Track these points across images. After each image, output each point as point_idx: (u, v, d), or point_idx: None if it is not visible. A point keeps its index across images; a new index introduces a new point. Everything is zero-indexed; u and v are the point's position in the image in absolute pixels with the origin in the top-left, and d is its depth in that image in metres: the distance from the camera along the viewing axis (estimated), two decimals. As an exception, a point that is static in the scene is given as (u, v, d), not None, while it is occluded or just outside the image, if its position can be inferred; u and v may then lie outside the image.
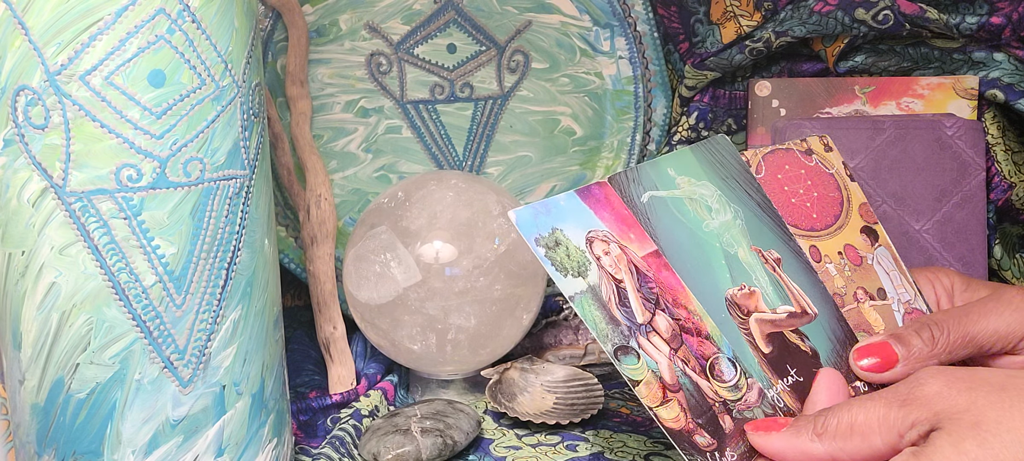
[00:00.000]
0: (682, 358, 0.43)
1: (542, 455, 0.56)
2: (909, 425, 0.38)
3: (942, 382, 0.39)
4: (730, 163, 0.51)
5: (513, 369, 0.64)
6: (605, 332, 0.42)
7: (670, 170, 0.49)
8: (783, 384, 0.45)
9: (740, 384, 0.44)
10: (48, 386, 0.43)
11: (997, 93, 0.68)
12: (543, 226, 0.43)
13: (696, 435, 0.41)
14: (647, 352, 0.43)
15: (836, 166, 0.54)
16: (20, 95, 0.40)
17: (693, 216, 0.48)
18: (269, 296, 0.47)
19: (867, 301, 0.49)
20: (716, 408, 0.43)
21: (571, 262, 0.43)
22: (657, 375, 0.42)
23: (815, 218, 0.51)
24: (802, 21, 0.70)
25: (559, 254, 0.43)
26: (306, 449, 0.57)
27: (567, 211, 0.44)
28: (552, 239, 0.43)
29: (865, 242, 0.52)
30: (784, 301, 0.47)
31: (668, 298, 0.45)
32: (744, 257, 0.48)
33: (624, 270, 0.44)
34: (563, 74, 0.76)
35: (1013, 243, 0.70)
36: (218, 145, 0.43)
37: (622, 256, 0.45)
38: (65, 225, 0.41)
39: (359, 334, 0.68)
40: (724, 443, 0.42)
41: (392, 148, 0.73)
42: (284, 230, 0.71)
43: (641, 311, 0.44)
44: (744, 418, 0.43)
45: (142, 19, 0.40)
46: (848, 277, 0.50)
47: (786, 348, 0.46)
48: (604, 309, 0.43)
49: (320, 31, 0.71)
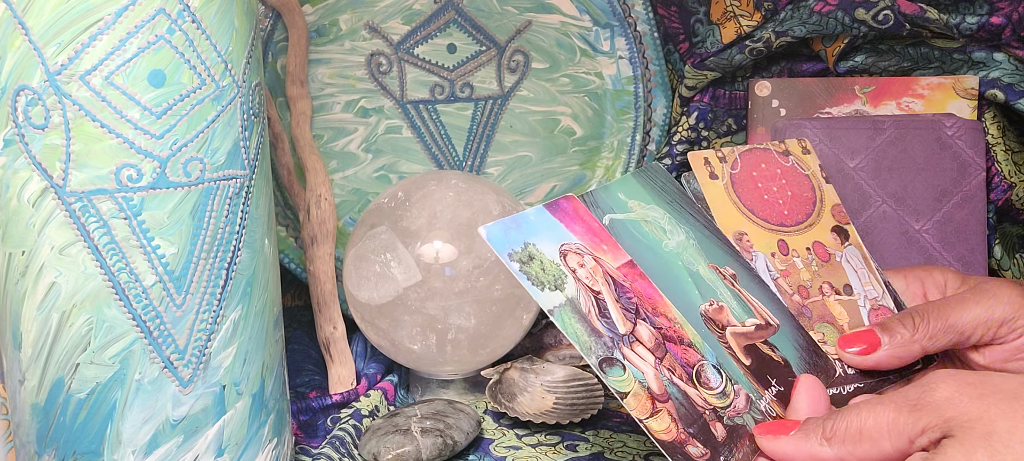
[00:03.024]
0: (668, 367, 0.43)
1: (542, 455, 0.56)
2: (919, 431, 0.38)
3: (953, 387, 0.39)
4: (669, 188, 0.51)
5: (513, 369, 0.64)
6: (588, 345, 0.41)
7: (621, 194, 0.49)
8: (769, 394, 0.45)
9: (727, 390, 0.43)
10: (48, 386, 0.43)
11: (997, 93, 0.68)
12: (515, 241, 0.42)
13: (689, 446, 0.41)
14: (632, 363, 0.42)
15: (812, 168, 0.55)
16: (20, 95, 0.40)
17: (652, 237, 0.47)
18: (269, 296, 0.47)
19: (833, 295, 0.51)
20: (707, 416, 0.42)
21: (547, 276, 0.42)
22: (645, 386, 0.41)
23: (786, 214, 0.53)
24: (802, 21, 0.70)
25: (534, 268, 0.42)
26: (306, 449, 0.57)
27: (538, 225, 0.44)
28: (525, 254, 0.42)
29: (835, 240, 0.53)
30: (748, 314, 0.47)
31: (647, 307, 0.44)
32: (705, 274, 0.48)
33: (601, 281, 0.43)
34: (563, 74, 0.76)
35: (1013, 243, 0.70)
36: (218, 145, 0.43)
37: (597, 267, 0.44)
38: (65, 225, 0.41)
39: (359, 334, 0.68)
40: (718, 452, 0.41)
41: (392, 148, 0.73)
42: (284, 230, 0.71)
43: (622, 321, 0.43)
44: (735, 425, 0.43)
45: (142, 19, 0.40)
46: (815, 271, 0.51)
47: (762, 360, 0.46)
48: (585, 321, 0.42)
49: (320, 31, 0.71)
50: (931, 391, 0.39)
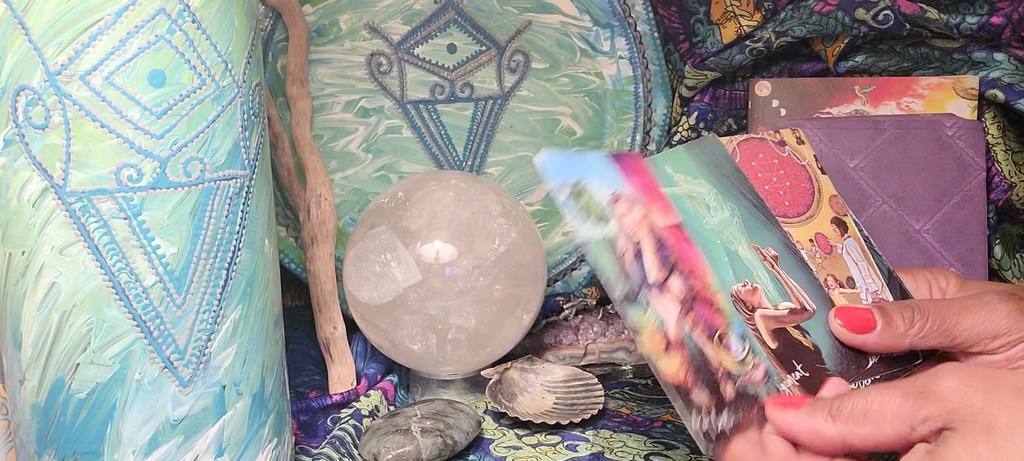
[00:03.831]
0: (691, 321, 0.43)
1: (542, 455, 0.56)
2: (921, 419, 0.38)
3: (959, 379, 0.39)
4: (722, 163, 0.51)
5: (513, 369, 0.64)
6: (614, 279, 0.42)
7: (668, 168, 0.49)
8: (792, 378, 0.45)
9: (746, 360, 0.44)
10: (48, 386, 0.43)
11: (997, 93, 0.68)
12: (569, 173, 0.43)
13: (694, 392, 0.41)
14: (655, 305, 0.43)
15: (808, 158, 0.55)
16: (20, 95, 0.40)
17: (693, 213, 0.48)
18: (269, 296, 0.47)
19: (837, 288, 0.50)
20: (719, 375, 0.43)
21: (591, 213, 0.43)
22: (661, 329, 0.42)
23: (787, 205, 0.52)
24: (802, 21, 0.70)
25: (581, 203, 0.43)
26: (306, 449, 0.57)
27: (596, 166, 0.45)
28: (577, 188, 0.43)
29: (835, 232, 0.53)
30: (784, 298, 0.48)
31: (684, 268, 0.45)
32: (744, 254, 0.48)
33: (644, 232, 0.44)
34: (563, 74, 0.76)
35: (1013, 243, 0.70)
36: (218, 145, 0.43)
37: (645, 219, 0.45)
38: (65, 225, 0.41)
39: (359, 334, 0.68)
40: (722, 406, 0.42)
41: (392, 148, 0.73)
42: (284, 230, 0.71)
43: (656, 270, 0.44)
44: (747, 392, 0.43)
45: (142, 19, 0.40)
46: (819, 264, 0.51)
47: (791, 344, 0.46)
48: (618, 261, 0.43)
49: (320, 31, 0.71)
50: (938, 380, 0.39)
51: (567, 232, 0.76)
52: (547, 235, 0.76)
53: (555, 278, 0.75)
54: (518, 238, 0.62)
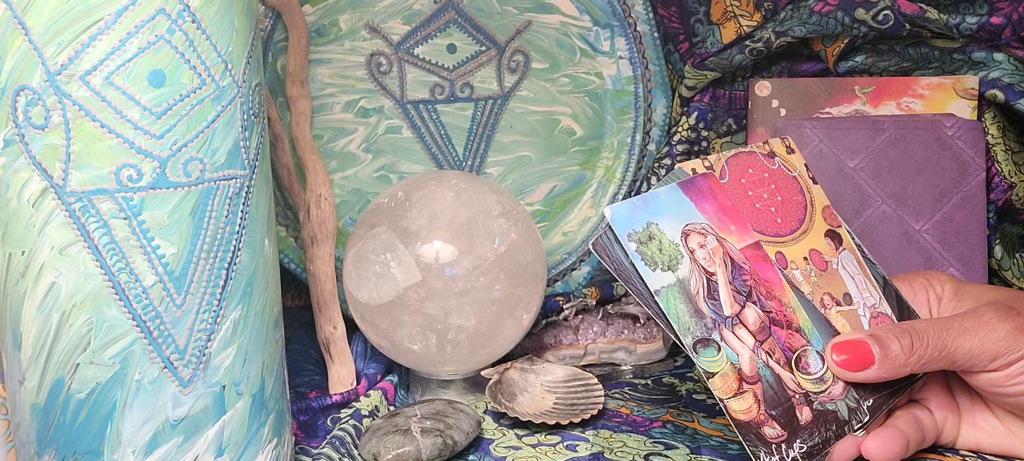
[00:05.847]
0: (767, 350, 0.44)
1: (542, 455, 0.56)
2: None
3: None
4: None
5: (513, 369, 0.64)
6: (687, 325, 0.43)
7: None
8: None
9: (825, 376, 0.44)
10: (48, 386, 0.43)
11: (997, 93, 0.68)
12: (638, 221, 0.44)
13: (765, 426, 0.42)
14: (729, 343, 0.43)
15: (798, 168, 0.54)
16: (20, 95, 0.40)
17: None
18: (269, 296, 0.47)
19: (834, 307, 0.49)
20: (795, 400, 0.43)
21: (663, 256, 0.44)
22: (736, 367, 0.43)
23: (780, 223, 0.51)
24: (802, 21, 0.70)
25: (651, 249, 0.43)
26: (306, 449, 0.57)
27: (666, 204, 0.45)
28: (646, 234, 0.44)
29: (829, 246, 0.52)
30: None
31: (761, 291, 0.45)
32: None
33: (718, 263, 0.45)
34: (563, 74, 0.76)
35: (1013, 243, 0.70)
36: (218, 145, 0.43)
37: (718, 248, 0.45)
38: (65, 225, 0.41)
39: (359, 334, 0.68)
40: (794, 435, 0.42)
41: (392, 148, 0.73)
42: (284, 230, 0.71)
43: (730, 304, 0.44)
44: (825, 410, 0.43)
45: (142, 19, 0.40)
46: (814, 283, 0.49)
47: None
48: (690, 302, 0.43)
49: (320, 31, 0.71)
50: None
51: (567, 232, 0.76)
52: (547, 235, 0.76)
53: (555, 278, 0.75)
54: (518, 238, 0.62)
